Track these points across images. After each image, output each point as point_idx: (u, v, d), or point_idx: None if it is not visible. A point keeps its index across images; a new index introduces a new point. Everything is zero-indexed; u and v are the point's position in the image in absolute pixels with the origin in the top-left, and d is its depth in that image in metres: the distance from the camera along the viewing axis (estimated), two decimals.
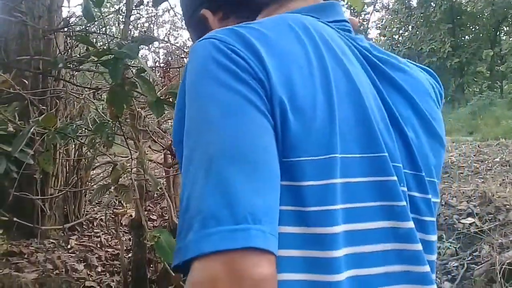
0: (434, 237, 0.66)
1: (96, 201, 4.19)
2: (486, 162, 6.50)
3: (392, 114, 0.66)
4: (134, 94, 1.93)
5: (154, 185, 1.99)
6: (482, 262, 2.64)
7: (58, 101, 3.52)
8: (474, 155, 7.25)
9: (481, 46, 21.18)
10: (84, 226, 3.93)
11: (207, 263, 0.47)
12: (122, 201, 4.41)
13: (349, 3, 1.88)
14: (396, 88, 0.70)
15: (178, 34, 16.83)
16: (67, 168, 3.83)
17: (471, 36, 23.20)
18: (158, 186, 1.99)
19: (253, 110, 0.55)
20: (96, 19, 2.10)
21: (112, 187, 1.92)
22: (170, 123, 3.23)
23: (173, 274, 1.99)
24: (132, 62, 2.14)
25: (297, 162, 0.57)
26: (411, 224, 0.61)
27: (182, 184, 0.55)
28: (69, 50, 3.71)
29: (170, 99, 1.81)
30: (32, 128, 1.96)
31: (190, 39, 0.86)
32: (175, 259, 0.51)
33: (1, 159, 3.26)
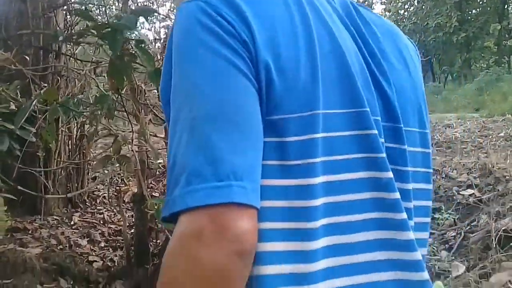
0: (410, 186, 0.68)
1: (99, 179, 4.24)
2: (490, 137, 6.47)
3: (371, 69, 0.68)
4: (134, 66, 1.94)
5: (155, 156, 2.02)
6: (479, 230, 2.66)
7: (59, 78, 3.54)
8: (479, 131, 7.20)
9: (489, 20, 20.74)
10: (87, 203, 3.99)
11: (192, 217, 0.51)
12: (124, 179, 4.46)
13: None
14: (376, 37, 0.73)
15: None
16: (70, 146, 3.87)
17: (478, 10, 22.75)
18: (158, 156, 2.01)
19: (236, 73, 0.57)
20: None
21: (114, 158, 1.94)
22: None
23: None
24: (135, 37, 2.15)
25: (281, 120, 0.59)
26: (390, 174, 0.63)
27: (169, 143, 0.58)
28: (69, 28, 3.73)
29: None
30: (35, 102, 1.98)
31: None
32: (163, 211, 0.55)
33: (3, 137, 3.29)
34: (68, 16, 3.78)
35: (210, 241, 0.49)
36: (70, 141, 3.87)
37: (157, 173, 4.19)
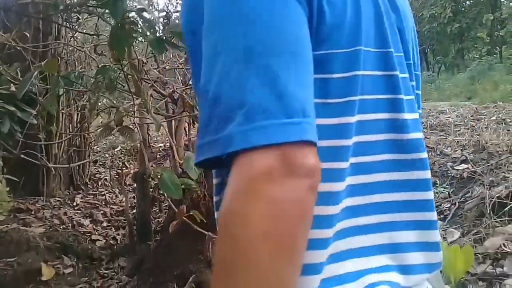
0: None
1: (100, 162, 4.28)
2: (483, 121, 6.57)
3: (386, 7, 0.67)
4: (135, 36, 1.95)
5: (157, 126, 2.05)
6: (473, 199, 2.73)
7: (59, 59, 3.57)
8: (471, 116, 7.31)
9: (482, 11, 20.97)
10: (88, 185, 4.03)
11: (261, 155, 0.46)
12: (125, 163, 4.51)
13: None
14: None
15: None
16: (70, 128, 3.91)
17: (471, 1, 22.93)
18: (160, 127, 2.05)
19: (294, 2, 0.53)
20: None
21: (116, 129, 1.97)
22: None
23: (176, 210, 2.07)
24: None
25: (328, 55, 0.58)
26: (406, 116, 0.65)
27: (204, 75, 0.53)
28: (70, 9, 3.75)
29: (172, 40, 1.84)
30: (35, 73, 2.00)
31: None
32: (203, 152, 0.51)
33: (4, 119, 3.33)
34: None
35: (284, 180, 0.46)
36: (70, 124, 3.90)
37: (158, 156, 4.24)
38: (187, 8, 0.60)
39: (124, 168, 4.20)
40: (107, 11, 1.93)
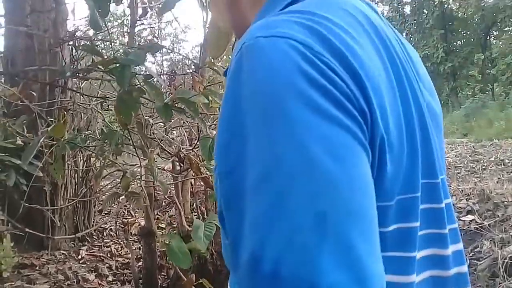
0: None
1: (105, 211, 4.25)
2: (482, 162, 6.64)
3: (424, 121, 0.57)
4: (141, 101, 1.98)
5: (164, 190, 2.06)
6: (484, 257, 2.72)
7: (65, 113, 3.59)
8: (470, 156, 7.40)
9: (473, 51, 21.69)
10: (94, 236, 3.99)
11: None
12: (131, 211, 4.49)
13: None
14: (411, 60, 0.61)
15: (180, 46, 17.32)
16: (76, 179, 3.90)
17: (462, 41, 23.70)
18: (167, 190, 2.06)
19: (361, 151, 0.44)
20: (102, 30, 2.15)
21: (123, 195, 1.98)
22: (175, 133, 3.31)
23: (185, 279, 2.05)
24: (138, 70, 2.21)
25: (384, 207, 0.49)
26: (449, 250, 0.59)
27: (251, 239, 0.42)
28: (75, 62, 3.81)
29: (178, 105, 1.87)
30: (42, 139, 2.02)
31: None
32: None
33: (10, 172, 3.34)
34: (74, 51, 3.87)
35: None
36: (76, 175, 3.90)
37: (163, 204, 4.22)
38: (222, 142, 0.48)
39: (130, 217, 4.18)
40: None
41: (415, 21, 22.90)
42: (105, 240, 3.99)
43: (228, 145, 0.46)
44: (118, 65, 1.74)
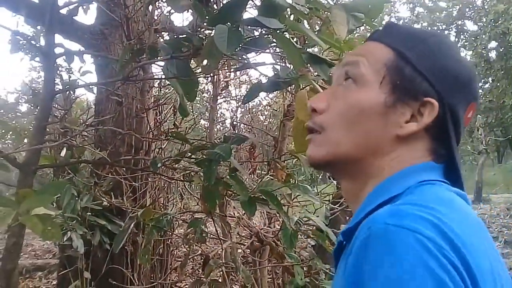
0: None
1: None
2: None
3: None
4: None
5: (246, 279, 2.05)
6: None
7: (148, 178, 3.74)
8: None
9: None
10: None
11: None
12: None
13: None
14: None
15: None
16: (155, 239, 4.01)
17: None
18: (250, 280, 2.05)
19: None
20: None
21: (205, 283, 2.00)
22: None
23: None
24: None
25: None
26: None
27: None
28: (159, 126, 3.99)
29: (262, 197, 1.88)
30: (132, 225, 2.10)
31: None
32: None
33: (96, 231, 3.51)
34: (158, 115, 4.07)
35: None
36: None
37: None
38: None
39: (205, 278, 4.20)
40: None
41: (501, 67, 21.64)
42: None
43: None
44: (205, 158, 1.79)
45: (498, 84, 21.32)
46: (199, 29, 1.55)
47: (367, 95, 0.71)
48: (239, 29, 1.23)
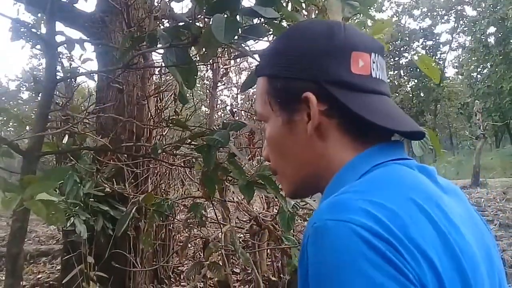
0: None
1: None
2: None
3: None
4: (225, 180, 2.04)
5: (245, 261, 2.09)
6: None
7: (149, 164, 3.77)
8: None
9: None
10: (171, 279, 4.12)
11: None
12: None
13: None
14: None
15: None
16: (156, 223, 4.06)
17: None
18: (248, 261, 2.09)
19: None
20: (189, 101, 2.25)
21: (205, 265, 2.04)
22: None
23: None
24: None
25: None
26: None
27: None
28: (160, 113, 4.01)
29: (260, 181, 1.92)
30: (133, 209, 2.14)
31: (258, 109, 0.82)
32: None
33: (98, 217, 3.56)
34: (158, 102, 4.10)
35: None
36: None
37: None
38: None
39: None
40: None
41: (500, 52, 21.44)
42: (182, 284, 4.10)
43: None
44: (204, 144, 1.83)
45: (497, 69, 21.19)
46: (198, 16, 1.57)
47: (272, 127, 0.78)
48: (237, 18, 1.26)
